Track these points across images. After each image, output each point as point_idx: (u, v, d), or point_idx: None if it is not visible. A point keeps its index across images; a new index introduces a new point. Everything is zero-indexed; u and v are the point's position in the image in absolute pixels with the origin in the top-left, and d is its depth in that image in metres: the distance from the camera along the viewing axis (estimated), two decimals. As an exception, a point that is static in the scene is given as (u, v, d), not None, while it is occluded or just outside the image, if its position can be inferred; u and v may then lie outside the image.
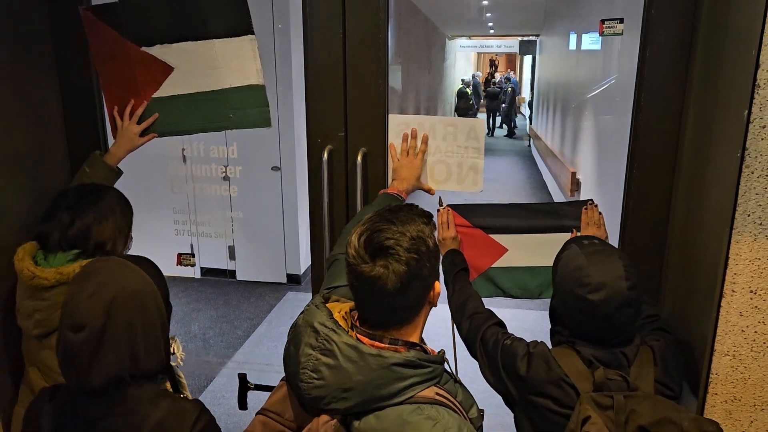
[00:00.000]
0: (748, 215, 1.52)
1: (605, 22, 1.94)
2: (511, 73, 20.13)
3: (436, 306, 1.32)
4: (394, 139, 2.12)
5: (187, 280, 5.23)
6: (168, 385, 1.49)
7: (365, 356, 1.18)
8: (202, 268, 5.10)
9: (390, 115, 2.11)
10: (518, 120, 17.70)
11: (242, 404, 2.13)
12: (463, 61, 21.70)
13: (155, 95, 2.17)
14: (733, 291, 1.57)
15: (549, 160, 9.77)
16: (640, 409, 1.43)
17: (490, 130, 15.88)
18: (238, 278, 5.19)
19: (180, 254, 2.44)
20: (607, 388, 1.48)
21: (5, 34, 2.00)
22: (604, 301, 1.48)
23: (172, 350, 1.52)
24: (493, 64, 26.32)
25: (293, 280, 5.42)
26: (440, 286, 1.29)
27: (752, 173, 1.50)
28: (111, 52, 2.16)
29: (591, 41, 6.54)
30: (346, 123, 2.11)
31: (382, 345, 1.23)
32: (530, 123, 15.00)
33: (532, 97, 15.64)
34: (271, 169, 4.99)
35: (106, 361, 1.28)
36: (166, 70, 2.15)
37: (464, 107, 16.38)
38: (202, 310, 5.07)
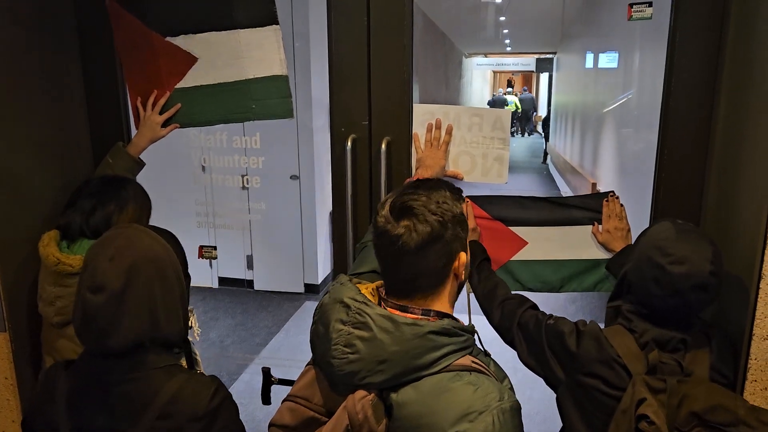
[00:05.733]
0: (787, 193, 1.48)
1: (633, 6, 1.91)
2: (526, 89, 20.16)
3: (463, 279, 1.29)
4: (419, 128, 2.09)
5: (204, 289, 5.23)
6: (183, 362, 1.46)
7: (400, 326, 1.16)
8: (219, 278, 5.11)
9: (414, 105, 2.09)
10: (534, 138, 17.67)
11: (266, 399, 2.09)
12: (480, 79, 21.73)
13: (178, 86, 2.18)
14: (773, 272, 1.52)
15: (568, 176, 9.72)
16: (693, 394, 1.39)
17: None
18: (255, 288, 5.19)
19: (202, 246, 2.42)
20: (660, 371, 1.43)
21: (31, 25, 2.02)
22: (682, 276, 1.42)
23: (189, 324, 1.49)
24: (510, 84, 26.37)
25: (311, 290, 5.40)
26: (466, 257, 1.26)
27: (791, 149, 1.46)
28: (135, 42, 2.17)
29: (608, 60, 6.55)
30: (370, 111, 2.09)
31: (416, 315, 1.21)
32: (546, 141, 14.91)
33: (549, 114, 15.59)
34: (290, 178, 4.99)
35: (126, 324, 1.27)
36: (190, 60, 2.15)
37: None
38: (220, 318, 5.05)
